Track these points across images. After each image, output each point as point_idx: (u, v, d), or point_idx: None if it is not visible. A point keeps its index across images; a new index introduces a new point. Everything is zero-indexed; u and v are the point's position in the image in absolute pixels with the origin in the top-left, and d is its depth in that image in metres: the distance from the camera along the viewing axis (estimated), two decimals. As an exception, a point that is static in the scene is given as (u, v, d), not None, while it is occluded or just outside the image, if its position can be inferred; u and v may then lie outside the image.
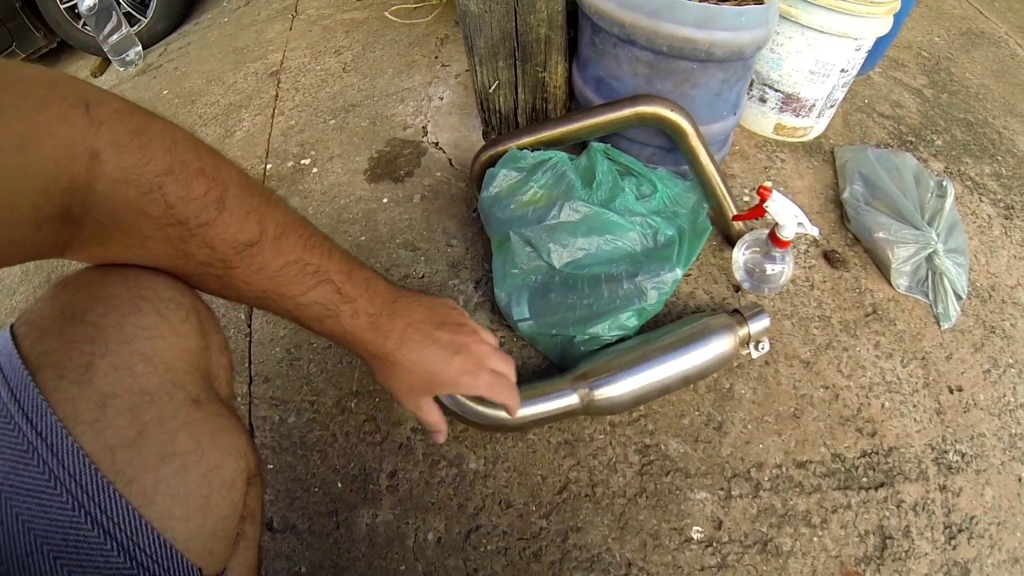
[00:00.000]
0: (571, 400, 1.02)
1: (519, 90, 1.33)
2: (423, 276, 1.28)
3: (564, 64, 1.33)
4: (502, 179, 1.14)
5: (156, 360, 0.53)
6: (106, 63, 2.84)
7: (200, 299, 0.61)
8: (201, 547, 0.53)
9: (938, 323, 1.35)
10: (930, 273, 1.36)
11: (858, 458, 1.13)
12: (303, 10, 2.39)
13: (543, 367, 1.16)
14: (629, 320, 1.10)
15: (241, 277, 0.57)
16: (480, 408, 1.00)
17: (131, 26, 2.72)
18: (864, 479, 1.11)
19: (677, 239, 1.15)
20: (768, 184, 1.14)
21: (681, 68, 1.17)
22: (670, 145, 1.28)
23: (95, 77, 2.80)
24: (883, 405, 1.21)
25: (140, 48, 2.72)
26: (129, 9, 2.77)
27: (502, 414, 1.00)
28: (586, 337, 1.08)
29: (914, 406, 1.22)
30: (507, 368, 0.83)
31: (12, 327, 0.53)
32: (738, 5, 1.20)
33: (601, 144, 1.22)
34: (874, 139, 1.71)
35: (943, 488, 1.13)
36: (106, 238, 0.51)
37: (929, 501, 1.11)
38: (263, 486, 0.68)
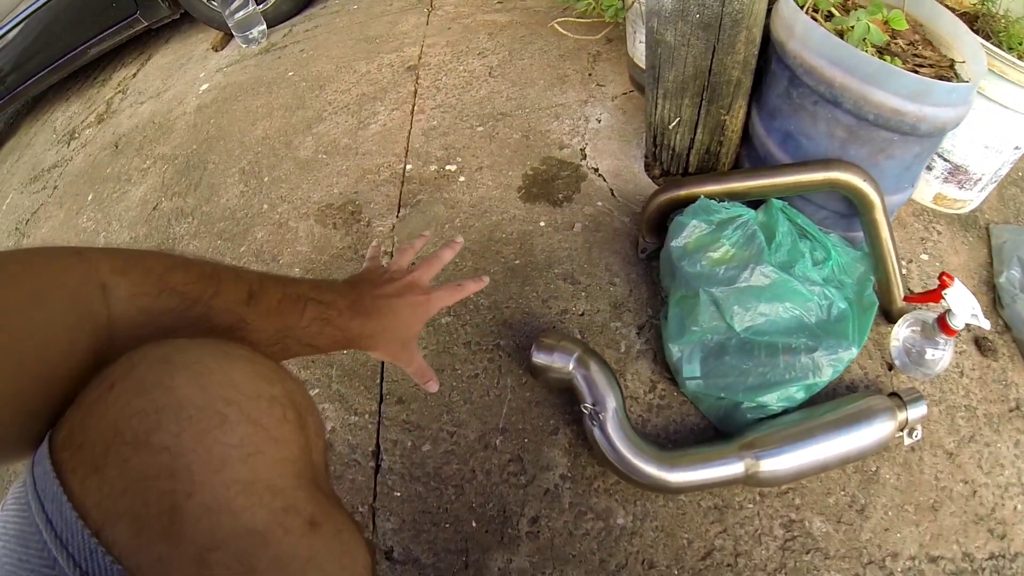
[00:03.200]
0: (736, 469, 1.01)
1: (698, 129, 1.29)
2: (583, 313, 1.25)
3: (745, 108, 1.29)
4: (692, 230, 1.10)
5: (258, 485, 0.42)
6: (228, 38, 2.82)
7: (287, 371, 0.52)
8: None
9: (1078, 427, 1.29)
10: (1079, 376, 1.31)
11: (986, 560, 1.11)
12: (439, 6, 2.32)
13: (701, 427, 1.14)
14: (798, 393, 1.08)
15: (258, 326, 0.59)
16: (644, 467, 0.99)
17: (257, 4, 2.69)
18: (988, 582, 1.08)
19: (850, 313, 1.12)
20: (951, 274, 1.11)
21: (881, 138, 1.12)
22: (846, 211, 1.23)
23: (216, 51, 2.79)
24: (1016, 508, 1.17)
25: (264, 27, 2.69)
26: (256, -13, 2.74)
27: (661, 474, 0.99)
28: (753, 405, 1.06)
29: (1045, 512, 1.18)
30: (437, 267, 0.92)
31: (51, 450, 0.40)
32: (914, 72, 1.15)
33: (779, 201, 1.19)
34: (1028, 218, 1.65)
35: (1058, 600, 1.10)
36: None
37: (1045, 612, 1.08)
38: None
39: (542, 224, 1.41)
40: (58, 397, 0.42)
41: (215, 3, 2.63)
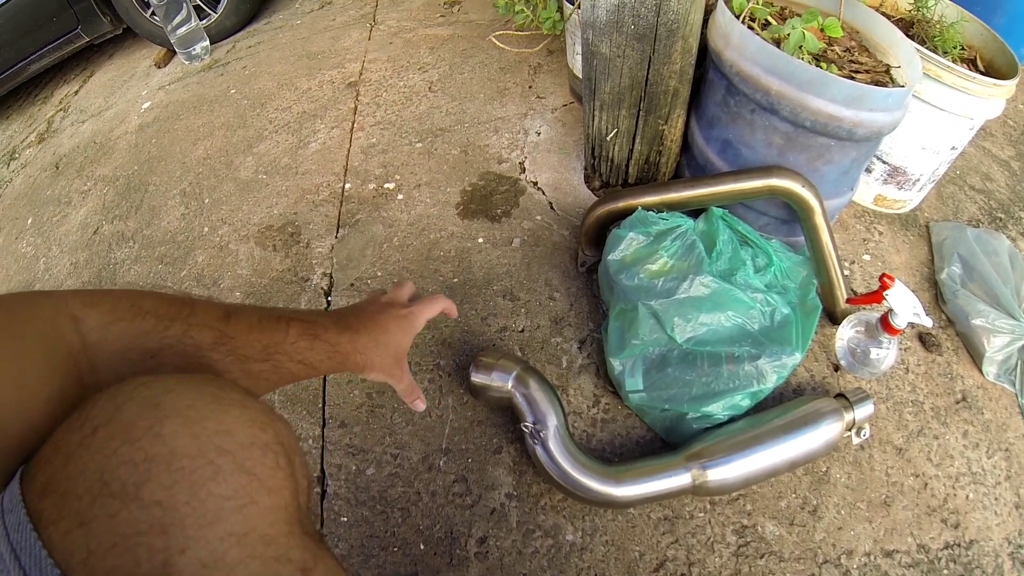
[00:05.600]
0: (684, 480, 1.00)
1: (636, 140, 1.28)
2: (523, 330, 1.23)
3: (684, 118, 1.29)
4: (629, 242, 1.09)
5: (252, 536, 0.41)
6: (171, 54, 2.78)
7: (276, 413, 0.50)
8: None
9: (1022, 414, 1.32)
10: (1019, 363, 1.34)
11: (941, 550, 1.12)
12: (382, 20, 2.30)
13: (647, 439, 1.13)
14: (743, 401, 1.08)
15: (242, 340, 0.60)
16: (589, 483, 0.98)
17: (200, 20, 2.66)
18: (945, 571, 1.10)
19: (793, 318, 1.12)
20: (891, 275, 1.12)
21: (818, 144, 1.13)
22: (787, 217, 1.24)
23: (159, 68, 2.73)
24: (967, 497, 1.19)
25: (208, 43, 2.65)
26: (199, 2, 2.70)
27: (607, 489, 0.98)
28: (698, 415, 1.06)
29: (996, 499, 1.20)
30: (409, 290, 0.94)
31: (26, 497, 0.38)
32: (850, 78, 1.17)
33: (720, 210, 1.19)
34: (966, 214, 1.68)
35: (1015, 584, 1.11)
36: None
37: (1002, 598, 1.09)
38: None
39: (480, 240, 1.40)
40: (36, 425, 0.43)
41: (157, 18, 2.58)
